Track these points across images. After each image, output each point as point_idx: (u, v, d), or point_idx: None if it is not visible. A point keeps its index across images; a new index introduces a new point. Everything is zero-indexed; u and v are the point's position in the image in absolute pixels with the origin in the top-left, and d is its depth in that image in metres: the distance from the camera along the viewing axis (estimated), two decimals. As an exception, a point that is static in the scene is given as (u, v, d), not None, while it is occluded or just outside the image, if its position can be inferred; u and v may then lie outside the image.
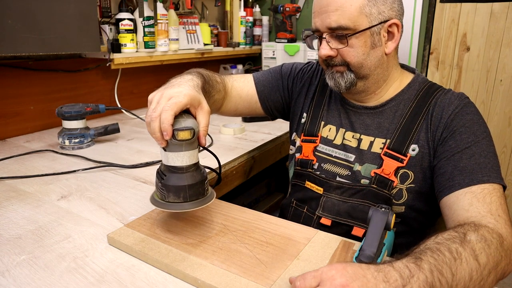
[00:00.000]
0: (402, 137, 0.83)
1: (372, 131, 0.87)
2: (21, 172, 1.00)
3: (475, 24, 1.93)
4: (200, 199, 0.67)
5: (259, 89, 1.04)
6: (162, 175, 0.67)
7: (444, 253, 0.53)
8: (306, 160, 0.94)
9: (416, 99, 0.85)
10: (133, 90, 1.81)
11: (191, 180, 0.66)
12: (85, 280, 0.58)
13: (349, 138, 0.90)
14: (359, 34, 0.79)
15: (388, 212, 0.65)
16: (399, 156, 0.82)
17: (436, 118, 0.80)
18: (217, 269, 0.59)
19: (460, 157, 0.73)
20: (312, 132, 0.96)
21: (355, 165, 0.87)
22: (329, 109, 0.96)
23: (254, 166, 1.25)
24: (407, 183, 0.81)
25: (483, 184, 0.68)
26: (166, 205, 0.67)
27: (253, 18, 2.33)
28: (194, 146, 0.66)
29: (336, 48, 0.81)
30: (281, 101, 1.06)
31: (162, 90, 0.69)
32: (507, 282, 1.88)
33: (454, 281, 0.51)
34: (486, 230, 0.59)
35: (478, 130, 0.76)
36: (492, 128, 2.01)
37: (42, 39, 1.15)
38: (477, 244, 0.56)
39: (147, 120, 0.65)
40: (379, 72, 0.85)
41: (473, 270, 0.53)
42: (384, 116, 0.87)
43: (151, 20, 1.56)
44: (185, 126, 0.63)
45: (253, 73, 1.08)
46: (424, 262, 0.52)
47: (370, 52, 0.82)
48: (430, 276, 0.50)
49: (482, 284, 0.54)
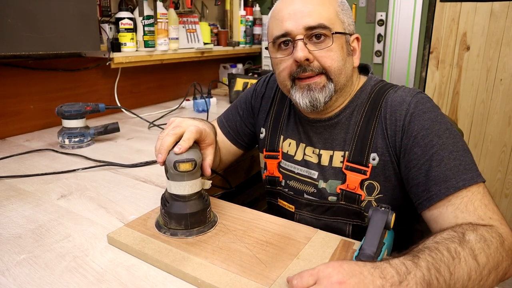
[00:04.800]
0: (359, 147, 0.78)
1: (330, 144, 0.83)
2: (21, 171, 1.00)
3: (475, 23, 1.93)
4: (201, 226, 0.70)
5: (225, 131, 1.01)
6: (165, 202, 0.70)
7: (443, 252, 0.53)
8: (273, 178, 0.92)
9: (368, 102, 0.80)
10: (133, 89, 1.81)
11: (193, 208, 0.68)
12: (85, 280, 0.58)
13: (310, 154, 0.85)
14: (339, 36, 0.75)
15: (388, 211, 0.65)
16: (361, 167, 0.77)
17: (390, 121, 0.75)
18: (217, 268, 0.59)
19: (430, 165, 0.68)
20: (273, 147, 0.92)
21: (319, 183, 0.83)
22: (288, 122, 0.91)
23: (254, 165, 1.25)
24: (374, 194, 0.78)
25: (460, 191, 0.65)
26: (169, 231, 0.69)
27: (253, 17, 2.33)
28: (196, 176, 0.68)
29: (314, 51, 0.74)
30: (252, 131, 1.01)
31: (183, 118, 0.73)
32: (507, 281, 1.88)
33: (452, 280, 0.51)
34: (485, 229, 0.58)
35: (440, 130, 0.70)
36: (492, 127, 2.01)
37: (42, 38, 1.15)
38: (476, 244, 0.55)
39: (158, 137, 0.70)
40: (348, 85, 0.80)
41: (472, 269, 0.53)
42: (339, 126, 0.82)
43: (151, 19, 1.56)
44: (186, 158, 0.65)
45: (217, 118, 1.05)
46: (422, 260, 0.52)
47: (347, 59, 0.77)
48: (427, 274, 0.50)
49: (482, 284, 0.54)
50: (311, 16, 0.73)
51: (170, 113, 1.70)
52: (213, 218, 0.73)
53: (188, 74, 2.11)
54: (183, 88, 2.07)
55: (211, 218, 0.72)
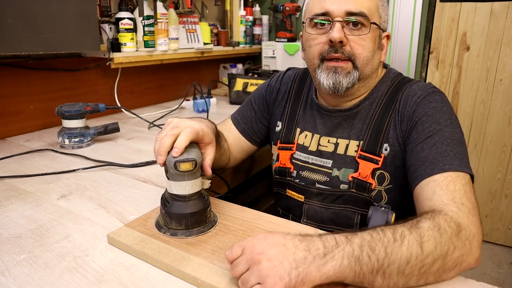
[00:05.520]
0: (374, 137, 0.80)
1: (347, 133, 0.85)
2: (21, 171, 1.00)
3: (475, 23, 1.93)
4: (201, 226, 0.70)
5: (240, 128, 1.01)
6: (165, 202, 0.70)
7: (386, 233, 0.52)
8: (284, 168, 0.92)
9: (386, 95, 0.83)
10: (133, 89, 1.81)
11: (193, 208, 0.68)
12: (85, 280, 0.58)
13: (325, 144, 0.87)
14: (374, 28, 0.77)
15: (388, 211, 0.65)
16: (374, 157, 0.79)
17: (402, 113, 0.78)
18: (217, 268, 0.59)
19: (422, 148, 0.70)
20: (288, 139, 0.93)
21: (333, 171, 0.85)
22: (304, 115, 0.93)
23: (254, 165, 1.25)
24: (385, 184, 0.80)
25: (446, 172, 0.65)
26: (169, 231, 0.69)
27: (253, 17, 2.33)
28: (196, 175, 0.69)
29: (349, 35, 0.76)
30: (267, 127, 1.02)
31: (180, 118, 0.72)
32: (507, 281, 1.88)
33: (386, 260, 0.50)
34: (444, 218, 0.57)
35: (442, 118, 0.72)
36: (492, 127, 2.02)
37: (42, 38, 1.15)
38: (427, 231, 0.54)
39: (156, 139, 0.69)
40: (373, 77, 0.83)
41: (413, 255, 0.51)
42: (358, 117, 0.84)
43: (151, 19, 1.56)
44: (186, 158, 0.65)
45: (231, 115, 1.05)
46: (357, 237, 0.52)
47: (376, 52, 0.80)
48: (358, 250, 0.50)
49: (424, 271, 0.52)
50: (354, 2, 0.75)
51: (170, 113, 1.70)
52: (213, 218, 0.73)
53: (188, 74, 2.11)
54: (183, 88, 2.07)
55: (211, 218, 0.72)
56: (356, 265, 0.50)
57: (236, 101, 1.88)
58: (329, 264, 0.49)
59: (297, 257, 0.49)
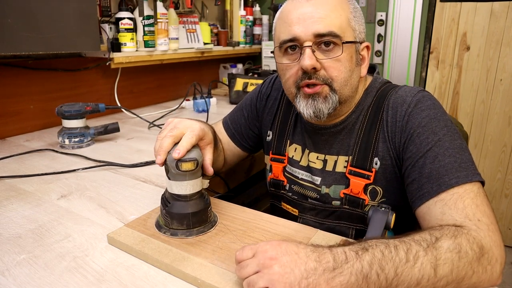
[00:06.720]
0: (363, 152, 0.77)
1: (335, 149, 0.82)
2: (21, 171, 1.00)
3: (475, 23, 1.93)
4: (202, 226, 0.70)
5: (230, 134, 0.99)
6: (166, 202, 0.70)
7: (399, 251, 0.51)
8: (278, 181, 0.91)
9: (371, 106, 0.78)
10: (133, 89, 1.81)
11: (194, 208, 0.69)
12: (85, 280, 0.58)
13: (314, 160, 0.84)
14: (349, 46, 0.72)
15: (388, 211, 0.65)
16: (365, 172, 0.76)
17: (391, 123, 0.74)
18: (217, 268, 0.59)
19: (423, 162, 0.66)
20: (280, 151, 0.91)
21: (322, 188, 0.83)
22: (295, 127, 0.90)
23: (254, 165, 1.25)
24: (378, 199, 0.77)
25: (452, 188, 0.62)
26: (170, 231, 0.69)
27: (253, 17, 2.33)
28: (197, 175, 0.69)
29: (321, 60, 0.71)
30: (256, 134, 0.99)
31: (180, 119, 0.72)
32: (507, 281, 1.88)
33: (395, 280, 0.50)
34: (466, 239, 0.54)
35: (437, 127, 0.68)
36: (492, 127, 2.02)
37: (42, 38, 1.15)
38: (445, 253, 0.52)
39: (157, 138, 0.69)
40: (353, 96, 0.78)
41: (424, 277, 0.50)
42: (344, 131, 0.81)
43: (151, 19, 1.56)
44: (188, 157, 0.65)
45: (222, 119, 1.03)
46: (368, 254, 0.50)
47: (355, 70, 0.75)
48: (367, 268, 0.49)
49: None
50: (321, 22, 0.70)
51: (170, 113, 1.70)
52: (213, 218, 0.73)
53: (188, 74, 2.11)
54: (183, 88, 2.07)
55: (211, 218, 0.72)
56: (363, 282, 0.49)
57: (236, 101, 1.88)
58: (337, 279, 0.49)
59: (308, 267, 0.49)
